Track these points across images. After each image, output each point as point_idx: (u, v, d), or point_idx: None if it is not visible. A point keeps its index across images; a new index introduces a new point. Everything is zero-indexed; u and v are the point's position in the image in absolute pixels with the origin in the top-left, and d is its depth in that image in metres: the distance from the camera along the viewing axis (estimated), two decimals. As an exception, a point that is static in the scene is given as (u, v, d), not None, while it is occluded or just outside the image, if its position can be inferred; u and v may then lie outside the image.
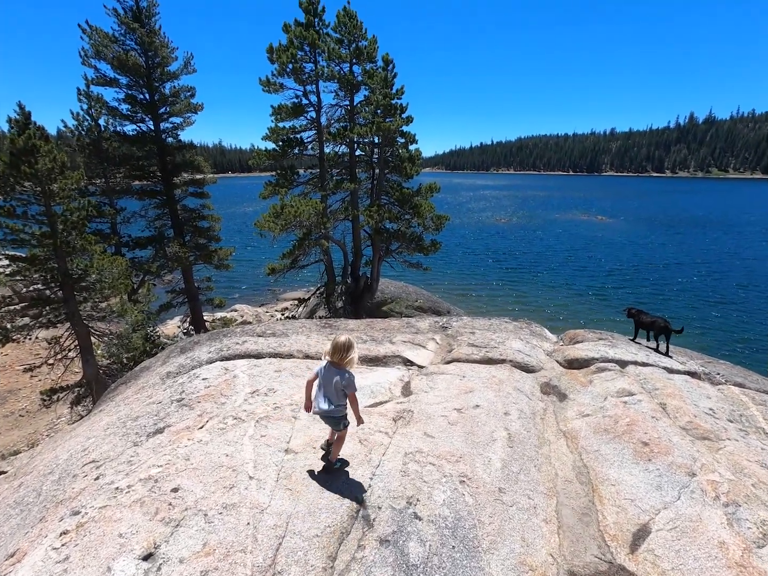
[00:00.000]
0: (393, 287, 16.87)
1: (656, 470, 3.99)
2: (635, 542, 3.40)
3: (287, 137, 11.87)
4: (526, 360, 6.60)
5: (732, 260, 32.24)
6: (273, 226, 9.91)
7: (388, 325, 7.99)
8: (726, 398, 6.03)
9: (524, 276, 28.66)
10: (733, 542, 3.10)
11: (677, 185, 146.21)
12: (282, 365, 5.39)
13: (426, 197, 12.10)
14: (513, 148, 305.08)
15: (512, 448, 4.28)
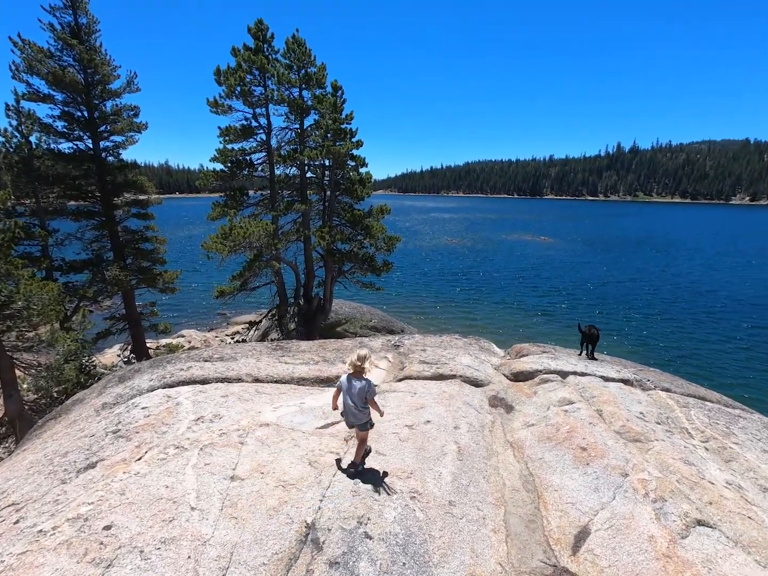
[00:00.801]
0: (347, 308, 16.85)
1: (594, 473, 4.23)
2: (577, 544, 3.57)
3: (236, 158, 11.76)
4: (475, 375, 6.81)
5: (660, 277, 35.22)
6: (221, 248, 9.65)
7: (341, 346, 7.96)
8: (654, 402, 6.53)
9: (475, 294, 29.66)
10: (661, 535, 3.34)
11: (609, 208, 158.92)
12: (230, 390, 5.21)
13: (377, 219, 12.35)
14: (461, 172, 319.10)
15: (462, 461, 4.38)
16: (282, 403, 5.06)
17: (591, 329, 8.23)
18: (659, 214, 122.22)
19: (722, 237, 67.00)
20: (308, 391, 5.63)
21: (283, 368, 6.33)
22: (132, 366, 7.21)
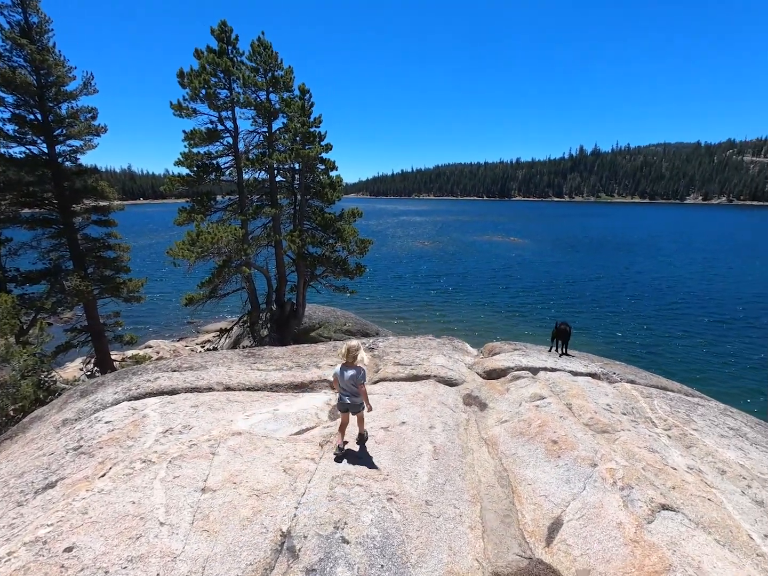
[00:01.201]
0: (320, 312, 16.70)
1: (565, 465, 4.35)
2: (550, 535, 3.65)
3: (202, 163, 11.45)
4: (449, 374, 6.88)
5: (624, 275, 36.65)
6: (188, 254, 9.34)
7: (315, 350, 7.89)
8: (620, 394, 6.78)
9: (448, 296, 30.01)
10: (628, 521, 3.46)
11: (574, 209, 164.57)
12: (200, 400, 5.06)
13: (349, 222, 12.31)
14: (432, 175, 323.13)
15: (438, 461, 4.41)
16: (255, 410, 4.95)
17: (562, 326, 8.47)
18: (621, 214, 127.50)
19: (679, 235, 70.51)
20: (282, 397, 5.54)
21: (255, 375, 6.20)
22: (95, 379, 6.90)
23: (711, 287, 31.77)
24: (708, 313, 25.37)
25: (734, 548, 3.39)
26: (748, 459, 5.21)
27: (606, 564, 3.10)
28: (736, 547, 3.40)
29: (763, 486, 4.57)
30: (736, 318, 24.28)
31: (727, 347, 19.96)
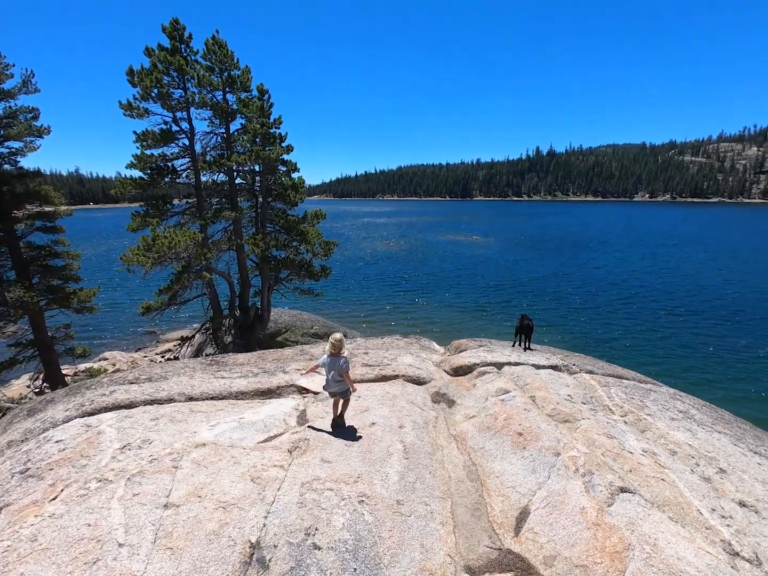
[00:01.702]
0: (287, 316, 16.41)
1: (530, 456, 4.48)
2: (518, 525, 3.75)
3: (156, 165, 10.93)
4: (417, 373, 6.94)
5: (581, 271, 38.29)
6: (144, 260, 8.88)
7: (281, 355, 7.75)
8: (580, 384, 7.07)
9: (414, 295, 30.29)
10: (590, 506, 3.61)
11: (533, 208, 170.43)
12: (160, 412, 4.85)
13: (313, 224, 12.15)
14: (395, 176, 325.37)
15: (408, 459, 4.43)
16: (219, 420, 4.80)
17: (524, 320, 8.72)
18: (576, 213, 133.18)
19: (630, 232, 74.47)
20: (248, 405, 5.40)
21: (219, 384, 6.02)
22: (44, 396, 6.46)
23: (661, 280, 33.76)
24: (659, 304, 26.94)
25: (686, 524, 3.61)
26: (696, 439, 5.56)
27: (571, 548, 3.22)
28: (687, 523, 3.62)
29: (709, 463, 4.90)
30: (684, 308, 25.93)
31: (677, 335, 21.28)
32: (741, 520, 3.81)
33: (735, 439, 6.10)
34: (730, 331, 21.50)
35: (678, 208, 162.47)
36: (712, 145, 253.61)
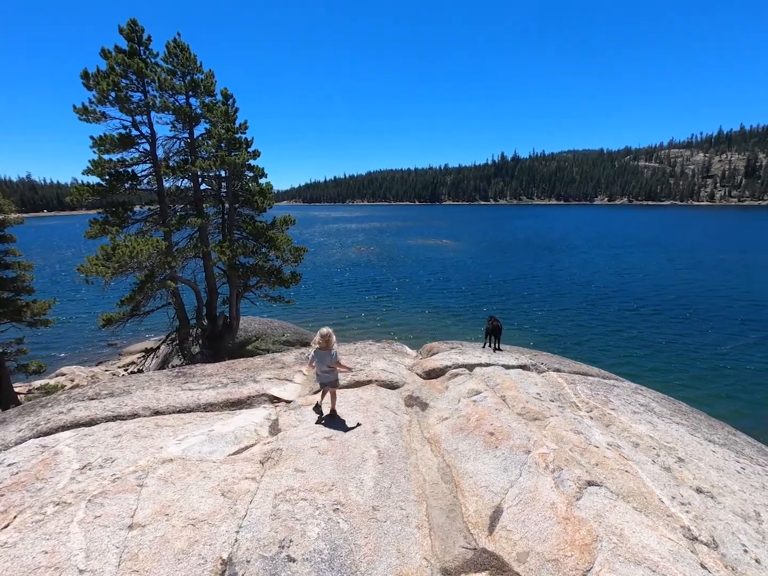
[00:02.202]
0: (257, 324, 16.08)
1: (502, 455, 4.57)
2: (492, 524, 3.81)
3: (115, 171, 10.46)
4: (390, 377, 6.96)
5: (548, 273, 39.49)
6: (103, 270, 8.46)
7: (252, 364, 7.59)
8: (548, 383, 7.29)
9: (386, 300, 30.38)
10: (560, 501, 3.72)
11: (499, 212, 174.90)
12: (123, 428, 4.64)
13: (282, 230, 11.97)
14: (365, 181, 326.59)
15: (383, 465, 4.43)
16: (187, 433, 4.64)
17: (493, 322, 8.93)
18: (541, 216, 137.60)
19: (593, 234, 77.56)
20: (217, 416, 5.25)
21: (187, 396, 5.82)
22: (-7, 417, 6.05)
23: (623, 280, 35.31)
24: (622, 303, 28.14)
25: (649, 512, 3.77)
26: (656, 431, 5.83)
27: (543, 543, 3.30)
28: (650, 512, 3.79)
29: (669, 453, 5.14)
30: (645, 307, 27.19)
31: (639, 333, 22.30)
32: (698, 506, 4.02)
33: (692, 429, 6.44)
34: (688, 328, 22.73)
35: (635, 211, 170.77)
36: (663, 151, 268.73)
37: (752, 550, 3.48)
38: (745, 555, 3.41)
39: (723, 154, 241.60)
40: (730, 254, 48.96)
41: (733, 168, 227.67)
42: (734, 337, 21.11)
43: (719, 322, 23.52)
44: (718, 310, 26.01)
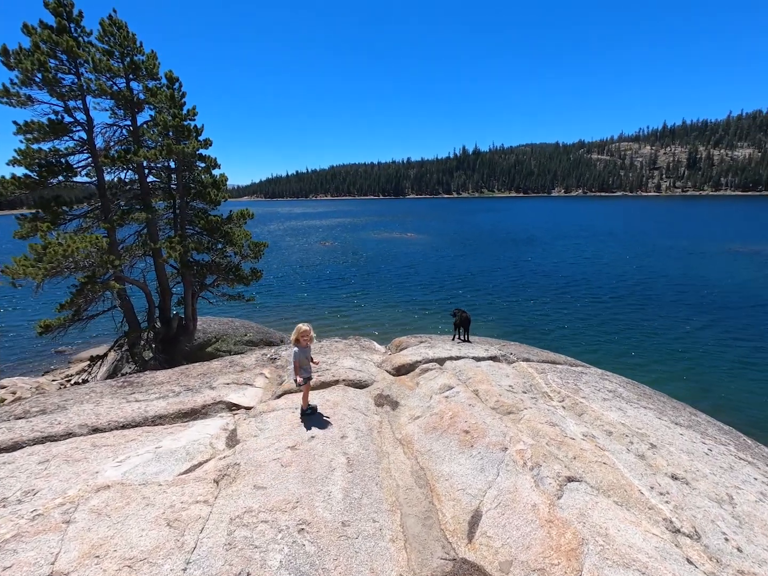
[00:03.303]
0: (216, 324, 15.24)
1: (478, 454, 4.34)
2: (471, 530, 3.56)
3: (47, 161, 9.38)
4: (358, 376, 6.61)
5: (513, 265, 40.17)
6: (33, 272, 7.51)
7: (208, 369, 7.03)
8: (519, 374, 7.17)
9: (352, 296, 29.91)
10: (541, 501, 3.51)
11: (462, 205, 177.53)
12: (52, 452, 4.05)
13: (239, 224, 11.23)
14: (328, 176, 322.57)
15: (352, 473, 4.09)
16: (130, 453, 4.11)
17: (461, 314, 8.80)
18: (502, 209, 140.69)
19: (553, 226, 79.99)
20: (166, 430, 4.73)
21: (132, 409, 5.24)
22: None
23: (583, 270, 36.46)
24: (584, 292, 29.01)
25: (630, 506, 3.64)
26: (626, 417, 5.81)
27: (526, 551, 3.07)
28: (631, 505, 3.65)
29: (641, 440, 5.10)
30: (605, 295, 28.17)
31: (600, 319, 23.04)
32: (676, 494, 3.94)
33: (658, 413, 6.49)
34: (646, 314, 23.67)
35: (590, 202, 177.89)
36: (614, 144, 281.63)
37: (732, 538, 3.41)
38: (726, 544, 3.33)
39: (667, 147, 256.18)
40: (678, 242, 51.83)
41: (677, 160, 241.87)
42: (687, 321, 22.21)
43: (673, 308, 24.69)
44: (671, 295, 27.33)
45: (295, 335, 4.74)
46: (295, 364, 4.73)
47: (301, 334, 4.71)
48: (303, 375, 4.77)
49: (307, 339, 4.76)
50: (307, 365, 4.85)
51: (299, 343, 4.72)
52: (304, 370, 4.77)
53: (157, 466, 3.92)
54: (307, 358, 4.84)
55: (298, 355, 4.71)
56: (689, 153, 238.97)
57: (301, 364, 4.76)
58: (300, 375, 4.74)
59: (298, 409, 5.25)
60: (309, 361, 4.88)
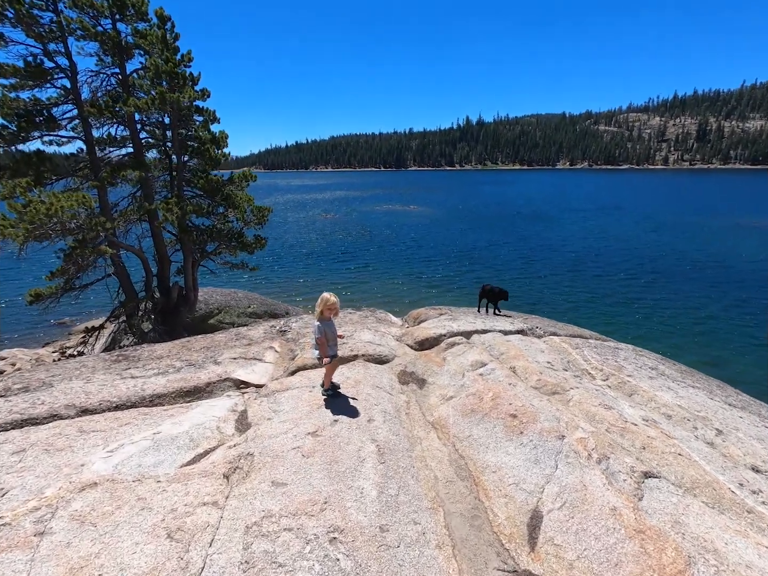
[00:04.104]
0: (219, 295, 14.58)
1: (530, 442, 3.72)
2: (532, 535, 2.97)
3: (26, 111, 8.39)
4: (378, 351, 5.98)
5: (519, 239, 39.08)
6: (13, 233, 6.71)
7: (212, 342, 6.38)
8: (553, 349, 6.53)
9: (359, 270, 29.14)
10: (622, 504, 2.89)
11: (465, 177, 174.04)
12: (31, 439, 3.42)
13: (241, 187, 10.35)
14: (328, 146, 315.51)
15: (384, 464, 3.47)
16: (123, 440, 3.49)
17: (485, 287, 8.33)
18: (507, 181, 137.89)
19: (559, 199, 78.23)
20: (166, 412, 4.10)
21: (127, 386, 4.61)
22: None
23: (593, 244, 35.51)
24: (595, 267, 28.23)
25: (724, 509, 3.03)
26: (680, 398, 5.19)
27: (616, 570, 2.46)
28: (726, 508, 3.05)
29: (705, 425, 4.48)
30: (616, 270, 27.41)
31: (611, 295, 22.40)
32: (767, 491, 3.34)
33: (708, 392, 5.86)
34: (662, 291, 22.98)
35: (596, 175, 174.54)
36: (622, 115, 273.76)
37: None
38: None
39: (677, 118, 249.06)
40: (687, 216, 50.63)
41: (686, 132, 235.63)
42: (699, 296, 21.57)
43: (685, 283, 24.00)
44: (682, 270, 26.58)
45: (321, 307, 4.08)
46: (320, 341, 4.07)
47: (328, 306, 4.07)
48: (329, 353, 4.18)
49: (335, 311, 4.17)
50: (334, 341, 4.20)
51: (323, 316, 4.10)
52: (329, 347, 4.15)
53: (156, 455, 3.30)
54: (333, 332, 4.20)
55: (323, 330, 4.06)
56: (699, 125, 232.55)
57: (328, 340, 4.12)
58: (326, 353, 4.13)
59: (316, 388, 4.63)
60: (335, 336, 4.23)
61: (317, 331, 4.06)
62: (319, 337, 4.06)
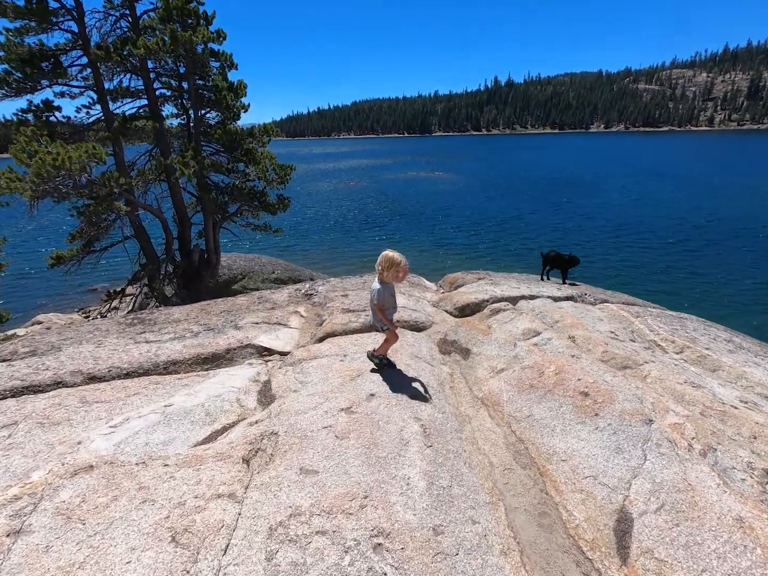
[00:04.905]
0: (242, 261, 14.20)
1: (608, 426, 3.06)
2: (622, 543, 2.36)
3: (30, 55, 7.78)
4: (414, 317, 5.36)
5: (555, 207, 37.09)
6: (20, 186, 6.27)
7: (233, 305, 5.90)
8: (612, 317, 5.76)
9: (383, 238, 28.35)
10: (750, 514, 2.23)
11: (493, 143, 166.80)
12: (26, 409, 3.00)
13: (263, 142, 9.64)
14: (350, 112, 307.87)
15: (432, 447, 2.90)
16: (130, 412, 3.03)
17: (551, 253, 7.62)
18: (538, 147, 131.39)
19: (594, 165, 73.81)
20: (180, 381, 3.63)
21: (140, 351, 4.17)
22: None
23: (632, 212, 33.34)
24: (632, 236, 26.50)
25: None
26: (772, 375, 4.40)
27: (759, 606, 1.83)
28: None
29: (811, 409, 3.72)
30: (660, 237, 25.67)
31: (655, 265, 21.00)
32: None
33: (798, 369, 5.01)
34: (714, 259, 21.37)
35: (633, 138, 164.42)
36: (665, 72, 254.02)
37: None
38: None
39: (726, 74, 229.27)
40: (738, 179, 46.91)
41: (736, 89, 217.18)
42: (753, 268, 19.90)
43: (737, 253, 22.21)
44: (733, 240, 24.62)
45: (384, 267, 3.40)
46: (379, 307, 3.50)
47: (394, 265, 3.37)
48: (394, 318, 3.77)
49: (403, 273, 3.48)
50: (393, 307, 3.65)
51: (383, 277, 3.45)
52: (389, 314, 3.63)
53: (166, 432, 2.83)
54: (394, 297, 3.63)
55: (383, 294, 3.46)
56: (751, 80, 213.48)
57: (387, 305, 3.56)
58: (389, 318, 3.61)
59: (348, 356, 4.07)
60: (395, 302, 3.67)
61: (376, 295, 3.48)
62: (378, 303, 3.52)
